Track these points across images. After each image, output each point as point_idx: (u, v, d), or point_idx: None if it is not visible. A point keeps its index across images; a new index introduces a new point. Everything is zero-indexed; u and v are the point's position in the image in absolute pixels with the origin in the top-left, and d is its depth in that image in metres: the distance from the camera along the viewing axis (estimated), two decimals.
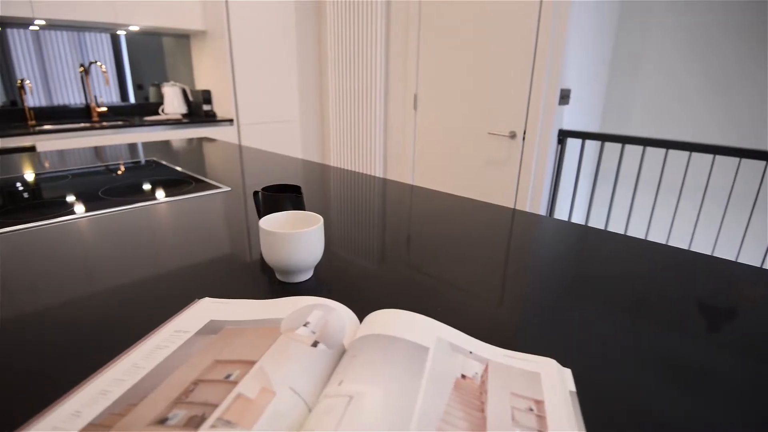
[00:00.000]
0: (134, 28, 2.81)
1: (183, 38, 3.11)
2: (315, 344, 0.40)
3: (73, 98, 2.71)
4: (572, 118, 2.33)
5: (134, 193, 1.02)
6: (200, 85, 3.17)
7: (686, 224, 2.42)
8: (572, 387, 0.40)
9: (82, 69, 2.74)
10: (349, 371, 0.36)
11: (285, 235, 0.54)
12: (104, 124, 2.61)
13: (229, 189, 1.07)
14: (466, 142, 2.54)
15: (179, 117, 2.87)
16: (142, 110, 3.03)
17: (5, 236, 0.74)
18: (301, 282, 0.59)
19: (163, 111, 2.99)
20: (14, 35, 2.44)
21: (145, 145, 1.79)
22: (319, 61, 3.35)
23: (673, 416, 0.37)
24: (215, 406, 0.32)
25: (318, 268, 0.63)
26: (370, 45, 2.86)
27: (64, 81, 2.67)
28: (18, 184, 1.10)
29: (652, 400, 0.39)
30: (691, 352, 0.45)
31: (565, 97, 2.18)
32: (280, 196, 0.67)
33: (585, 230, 0.82)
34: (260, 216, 0.76)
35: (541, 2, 2.04)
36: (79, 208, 0.89)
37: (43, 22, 2.47)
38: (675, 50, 2.34)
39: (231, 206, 0.93)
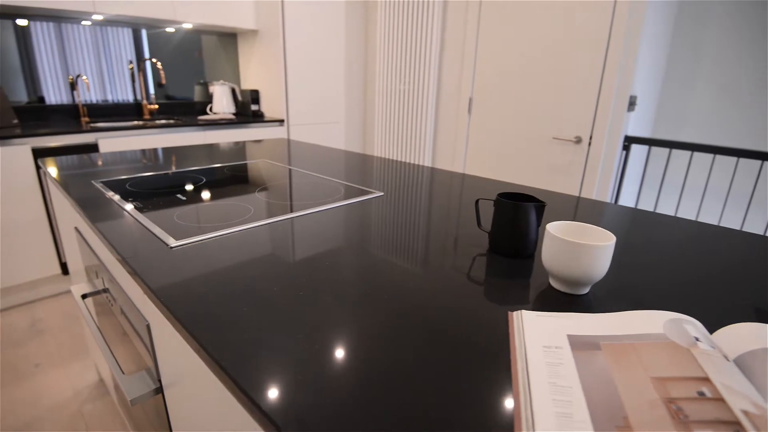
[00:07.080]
0: (187, 26, 2.78)
1: (228, 37, 3.07)
2: (726, 358, 0.41)
3: (94, 95, 2.63)
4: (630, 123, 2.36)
5: (296, 198, 1.00)
6: (246, 84, 3.14)
7: None
8: None
9: (131, 66, 2.70)
10: None
11: (594, 247, 0.54)
12: (157, 122, 2.57)
13: (382, 194, 1.06)
14: (527, 147, 2.55)
15: (231, 117, 2.84)
16: (187, 108, 2.99)
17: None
18: (582, 294, 0.59)
19: (211, 110, 2.96)
20: (37, 29, 2.36)
21: (229, 145, 1.77)
22: (366, 62, 3.34)
23: None
24: (734, 423, 0.32)
25: None
26: (423, 47, 2.86)
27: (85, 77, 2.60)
28: (186, 185, 1.08)
29: None
30: None
31: (632, 103, 2.21)
32: (526, 206, 0.67)
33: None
34: (479, 225, 0.76)
35: (615, 3, 2.05)
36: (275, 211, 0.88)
37: (100, 18, 2.43)
38: (733, 52, 2.37)
39: (403, 211, 0.92)
